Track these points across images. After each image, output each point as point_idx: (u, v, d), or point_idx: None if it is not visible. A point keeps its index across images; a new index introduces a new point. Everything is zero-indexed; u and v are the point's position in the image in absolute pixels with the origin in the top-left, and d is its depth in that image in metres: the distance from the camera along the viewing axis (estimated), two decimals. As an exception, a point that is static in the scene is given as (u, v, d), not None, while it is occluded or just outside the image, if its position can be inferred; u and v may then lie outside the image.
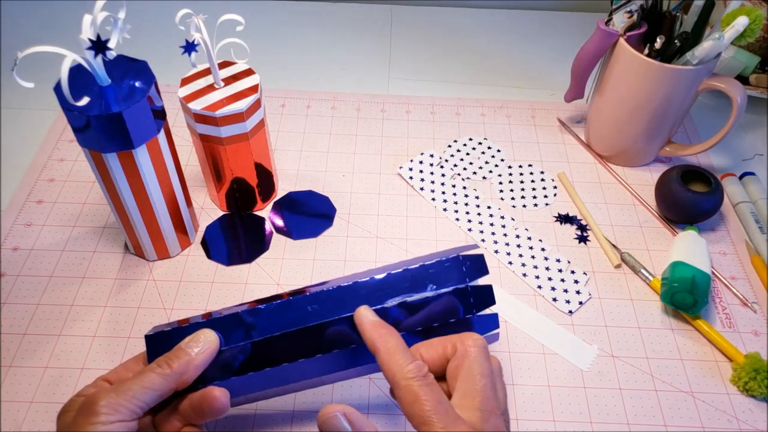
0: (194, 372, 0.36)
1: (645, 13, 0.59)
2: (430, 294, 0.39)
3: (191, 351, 0.36)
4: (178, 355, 0.36)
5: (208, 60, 0.51)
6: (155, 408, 0.36)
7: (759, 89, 0.70)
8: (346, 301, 0.39)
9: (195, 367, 0.36)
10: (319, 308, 0.38)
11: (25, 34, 0.79)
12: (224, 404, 0.36)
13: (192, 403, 0.36)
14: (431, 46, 0.81)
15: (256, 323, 0.38)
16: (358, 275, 0.40)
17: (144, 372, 0.35)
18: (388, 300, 0.39)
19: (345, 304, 0.38)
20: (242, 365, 0.38)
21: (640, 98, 0.59)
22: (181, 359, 0.36)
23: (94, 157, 0.47)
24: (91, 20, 0.41)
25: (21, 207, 0.60)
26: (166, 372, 0.35)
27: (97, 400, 0.33)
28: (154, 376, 0.35)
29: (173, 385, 0.35)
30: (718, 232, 0.60)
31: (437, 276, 0.39)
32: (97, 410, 0.33)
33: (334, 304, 0.39)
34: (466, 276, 0.39)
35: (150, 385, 0.34)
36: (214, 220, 0.60)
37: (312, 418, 0.47)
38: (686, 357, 0.51)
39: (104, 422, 0.32)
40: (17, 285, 0.54)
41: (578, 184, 0.64)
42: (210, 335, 0.37)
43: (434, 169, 0.65)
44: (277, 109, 0.71)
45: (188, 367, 0.36)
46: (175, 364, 0.36)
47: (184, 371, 0.36)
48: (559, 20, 0.86)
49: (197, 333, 0.37)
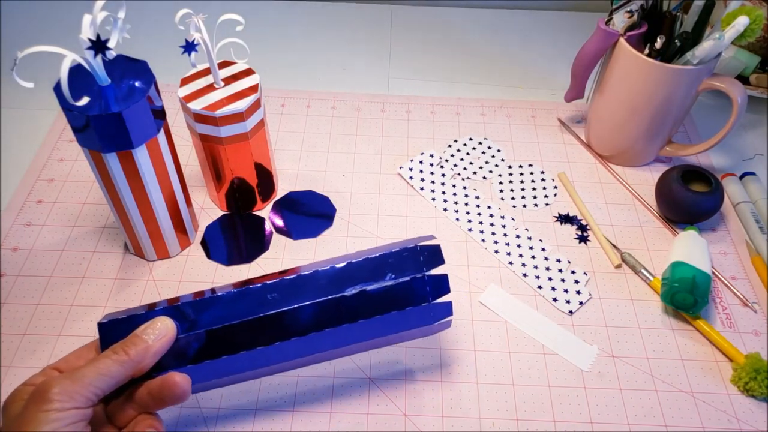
0: (151, 359, 0.36)
1: (645, 12, 0.59)
2: (389, 283, 0.40)
3: (148, 338, 0.36)
4: (135, 342, 0.35)
5: (207, 60, 0.51)
6: (107, 397, 0.35)
7: (759, 89, 0.70)
8: (306, 289, 0.39)
9: (152, 354, 0.35)
10: (278, 296, 0.39)
11: (25, 34, 0.79)
12: (185, 390, 0.35)
13: (150, 391, 0.35)
14: (431, 46, 0.81)
15: (214, 311, 0.38)
16: (319, 263, 0.41)
17: (99, 359, 0.34)
18: (348, 288, 0.40)
19: (305, 293, 0.39)
20: (198, 353, 0.38)
21: (640, 98, 0.59)
22: (138, 346, 0.35)
23: (93, 157, 0.47)
24: (90, 20, 0.41)
25: (21, 207, 0.60)
26: (123, 359, 0.34)
27: (49, 388, 0.32)
28: (111, 363, 0.34)
29: (130, 372, 0.35)
30: (719, 232, 0.60)
31: (396, 265, 0.40)
32: (49, 397, 0.32)
33: (294, 292, 0.39)
34: (424, 265, 0.41)
35: (106, 371, 0.34)
36: (213, 220, 0.60)
37: (312, 418, 0.47)
38: (686, 357, 0.51)
39: (58, 409, 0.31)
40: (17, 285, 0.54)
41: (578, 184, 0.64)
42: (167, 322, 0.37)
43: (434, 169, 0.65)
44: (277, 109, 0.71)
45: (145, 355, 0.35)
46: (132, 350, 0.35)
47: (142, 359, 0.35)
48: (559, 20, 0.86)
49: (154, 320, 0.37)
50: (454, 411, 0.47)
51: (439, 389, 0.49)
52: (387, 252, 0.41)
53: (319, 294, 0.39)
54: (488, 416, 0.47)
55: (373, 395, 0.48)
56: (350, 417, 0.47)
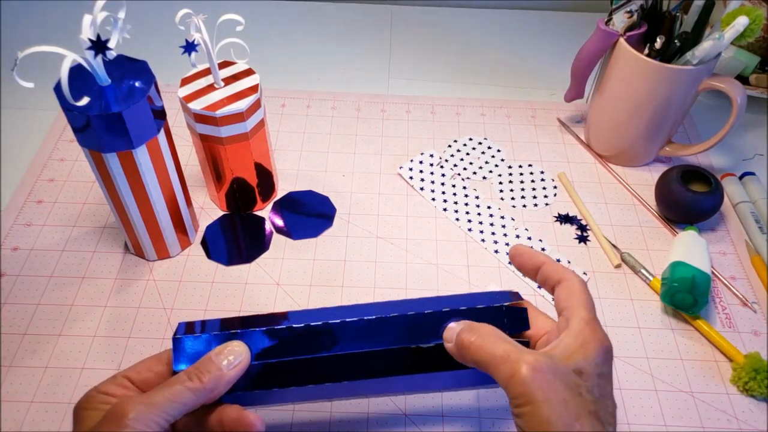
0: (224, 388, 0.35)
1: (645, 13, 0.59)
2: None
3: (221, 364, 0.35)
4: (209, 368, 0.34)
5: (208, 60, 0.51)
6: None
7: (759, 89, 0.70)
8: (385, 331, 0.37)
9: (225, 383, 0.35)
10: (355, 335, 0.37)
11: (25, 34, 0.79)
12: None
13: (223, 422, 0.35)
14: (431, 46, 0.81)
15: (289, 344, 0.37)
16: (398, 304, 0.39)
17: (173, 384, 0.34)
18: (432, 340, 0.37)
19: (384, 334, 0.37)
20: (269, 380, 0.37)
21: (640, 98, 0.59)
22: (212, 373, 0.34)
23: (94, 157, 0.47)
24: (91, 20, 0.41)
25: (21, 207, 0.60)
26: (197, 386, 0.34)
27: (126, 413, 0.32)
28: (184, 390, 0.33)
29: (202, 400, 0.34)
30: (718, 232, 0.60)
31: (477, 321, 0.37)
32: (126, 423, 0.32)
33: (372, 333, 0.38)
34: (507, 328, 0.37)
35: (180, 399, 0.33)
36: (214, 220, 0.60)
37: (312, 419, 0.47)
38: (686, 357, 0.51)
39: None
40: (17, 285, 0.54)
41: (578, 184, 0.64)
42: (241, 348, 0.36)
43: (434, 169, 0.65)
44: (277, 109, 0.71)
45: (218, 383, 0.34)
46: (205, 377, 0.34)
47: (215, 386, 0.34)
48: (559, 20, 0.86)
49: (230, 345, 0.36)
50: (454, 411, 0.47)
51: (439, 389, 0.49)
52: (470, 307, 0.38)
53: (398, 340, 0.37)
54: (488, 416, 0.47)
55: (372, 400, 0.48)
56: (350, 417, 0.47)
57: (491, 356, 0.33)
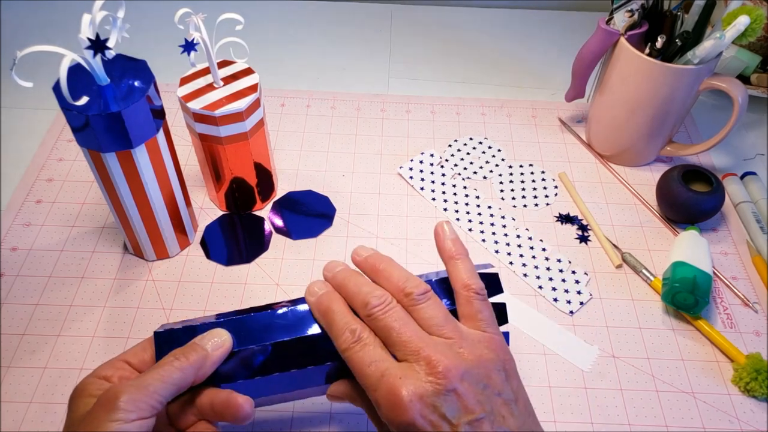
0: (210, 368, 0.36)
1: (646, 12, 0.59)
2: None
3: (206, 346, 0.36)
4: (194, 349, 0.36)
5: (207, 59, 0.51)
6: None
7: (760, 89, 0.70)
8: None
9: (211, 363, 0.36)
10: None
11: (25, 33, 0.79)
12: (248, 413, 0.36)
13: (213, 403, 0.36)
14: (431, 46, 0.81)
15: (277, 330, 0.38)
16: None
17: (162, 365, 0.35)
18: None
19: None
20: (265, 366, 0.37)
21: (641, 98, 0.59)
22: (198, 353, 0.36)
23: (93, 156, 0.47)
24: (90, 19, 0.41)
25: (20, 207, 0.60)
26: (184, 364, 0.35)
27: (118, 395, 0.33)
28: (173, 369, 0.35)
29: (190, 379, 0.35)
30: (720, 232, 0.60)
31: (451, 291, 0.38)
32: (118, 406, 0.32)
33: None
34: None
35: (169, 378, 0.34)
36: (213, 220, 0.60)
37: (312, 419, 0.47)
38: (687, 357, 0.51)
39: (124, 420, 0.32)
40: (16, 285, 0.54)
41: (579, 183, 0.64)
42: (223, 334, 0.37)
43: (434, 168, 0.65)
44: (277, 108, 0.71)
45: (204, 362, 0.36)
46: (192, 356, 0.35)
47: (201, 365, 0.35)
48: (560, 20, 0.86)
49: (210, 331, 0.37)
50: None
51: (439, 390, 0.48)
52: (442, 278, 0.39)
53: None
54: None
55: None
56: (350, 417, 0.47)
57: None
